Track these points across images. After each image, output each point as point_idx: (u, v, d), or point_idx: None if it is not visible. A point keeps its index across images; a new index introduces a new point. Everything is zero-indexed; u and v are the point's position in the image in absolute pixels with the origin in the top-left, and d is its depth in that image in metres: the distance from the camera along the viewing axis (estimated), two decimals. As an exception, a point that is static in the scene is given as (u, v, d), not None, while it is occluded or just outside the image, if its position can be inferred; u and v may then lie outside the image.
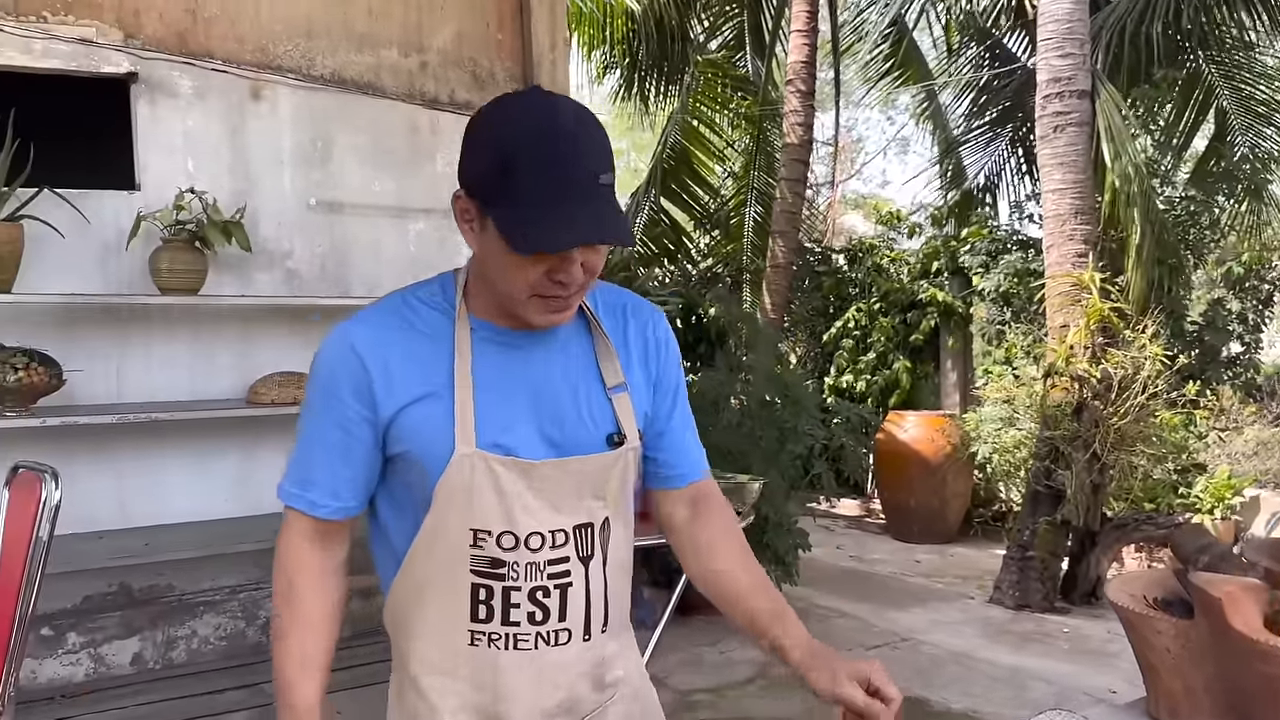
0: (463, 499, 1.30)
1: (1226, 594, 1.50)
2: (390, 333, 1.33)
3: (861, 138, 26.45)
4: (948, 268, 8.00)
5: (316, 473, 1.36)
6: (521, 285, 1.26)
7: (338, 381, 1.32)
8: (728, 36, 11.04)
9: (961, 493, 7.14)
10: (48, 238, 3.98)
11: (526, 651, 1.35)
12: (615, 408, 1.40)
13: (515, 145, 1.21)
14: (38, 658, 4.06)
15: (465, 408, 1.30)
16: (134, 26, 4.29)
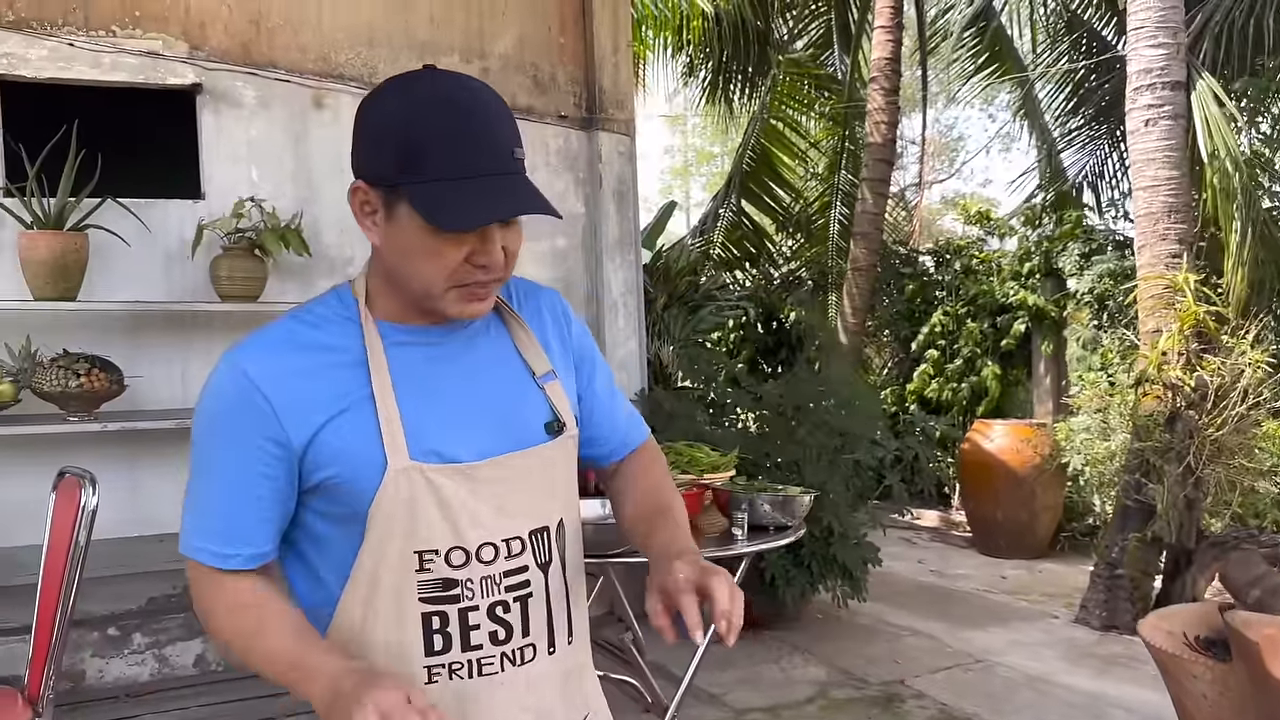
0: (403, 519, 1.19)
1: (1265, 637, 1.33)
2: (287, 354, 1.20)
3: (963, 136, 25.75)
4: (1040, 269, 7.64)
5: (223, 521, 1.20)
6: (439, 275, 1.17)
7: (237, 417, 1.18)
8: (815, 35, 10.84)
9: (1052, 506, 6.79)
10: (113, 246, 4.08)
11: (493, 676, 1.24)
12: (548, 395, 1.31)
13: (423, 123, 1.12)
14: (105, 657, 4.16)
15: (391, 418, 1.18)
16: (199, 38, 4.37)
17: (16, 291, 3.87)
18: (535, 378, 1.31)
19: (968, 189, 23.24)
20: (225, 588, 1.20)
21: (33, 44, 4.07)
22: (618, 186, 5.16)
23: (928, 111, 11.12)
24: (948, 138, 24.28)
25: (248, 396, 1.17)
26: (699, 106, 11.62)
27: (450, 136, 1.12)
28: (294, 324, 1.24)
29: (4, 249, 3.93)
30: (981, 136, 25.45)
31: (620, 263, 5.15)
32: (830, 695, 4.15)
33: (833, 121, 10.28)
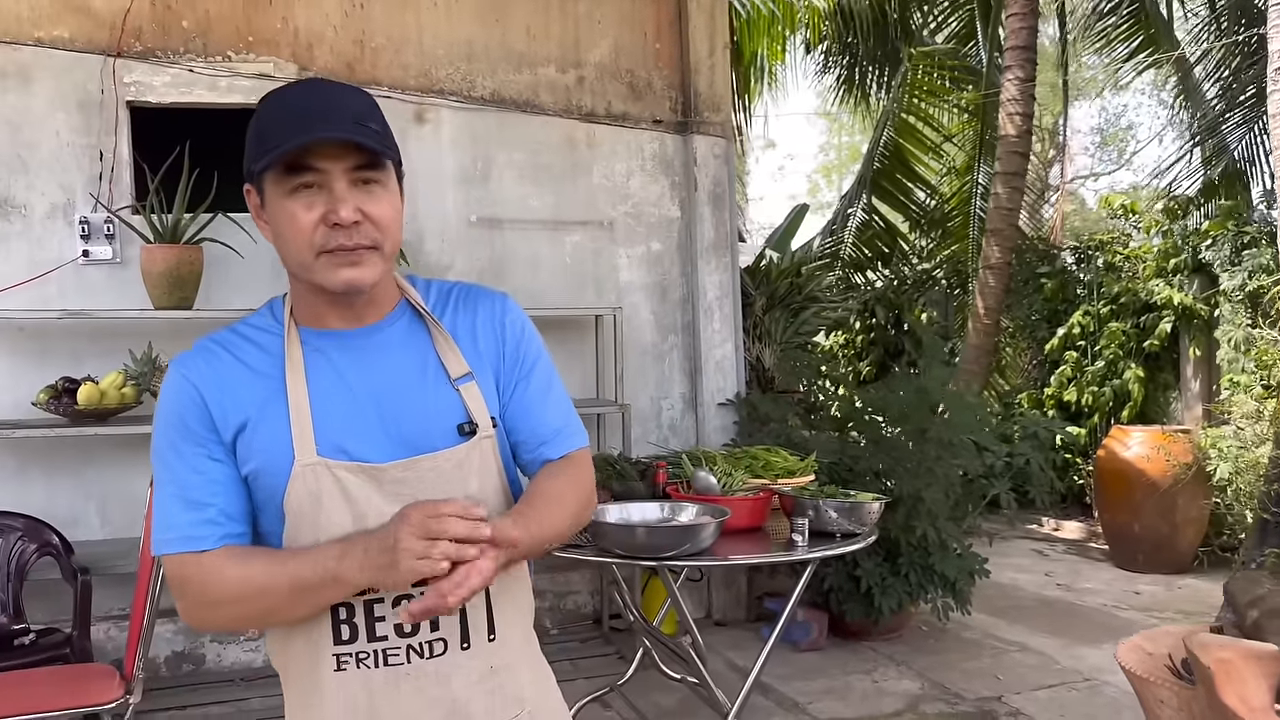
0: (311, 512, 1.26)
1: (1218, 662, 1.23)
2: (219, 359, 1.31)
3: (1132, 124, 24.29)
4: (1187, 265, 7.13)
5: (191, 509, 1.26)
6: (303, 241, 1.24)
7: (183, 413, 1.28)
8: (956, 27, 10.50)
9: (1196, 518, 6.33)
10: (227, 258, 4.36)
11: (398, 667, 1.29)
12: (463, 397, 1.34)
13: (265, 115, 1.26)
14: (222, 643, 4.45)
15: (301, 417, 1.26)
16: (307, 59, 4.63)
17: (139, 301, 4.19)
18: (451, 380, 1.34)
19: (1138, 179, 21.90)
20: (210, 570, 1.24)
21: (158, 71, 4.40)
22: (713, 189, 5.14)
23: (1092, 100, 10.56)
24: (1115, 127, 22.97)
25: (189, 395, 1.29)
26: (835, 103, 11.45)
27: (283, 110, 1.24)
28: (229, 334, 1.35)
29: (130, 263, 4.26)
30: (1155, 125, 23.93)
31: (716, 265, 5.13)
32: (920, 709, 4.01)
33: (969, 114, 9.93)
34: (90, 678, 3.07)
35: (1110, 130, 22.64)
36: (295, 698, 1.35)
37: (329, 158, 1.22)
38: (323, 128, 1.21)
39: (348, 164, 1.23)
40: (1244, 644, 1.25)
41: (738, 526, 3.27)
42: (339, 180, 1.23)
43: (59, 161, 4.32)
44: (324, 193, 1.23)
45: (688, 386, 5.23)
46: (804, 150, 26.02)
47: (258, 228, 1.32)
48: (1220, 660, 1.17)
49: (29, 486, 4.22)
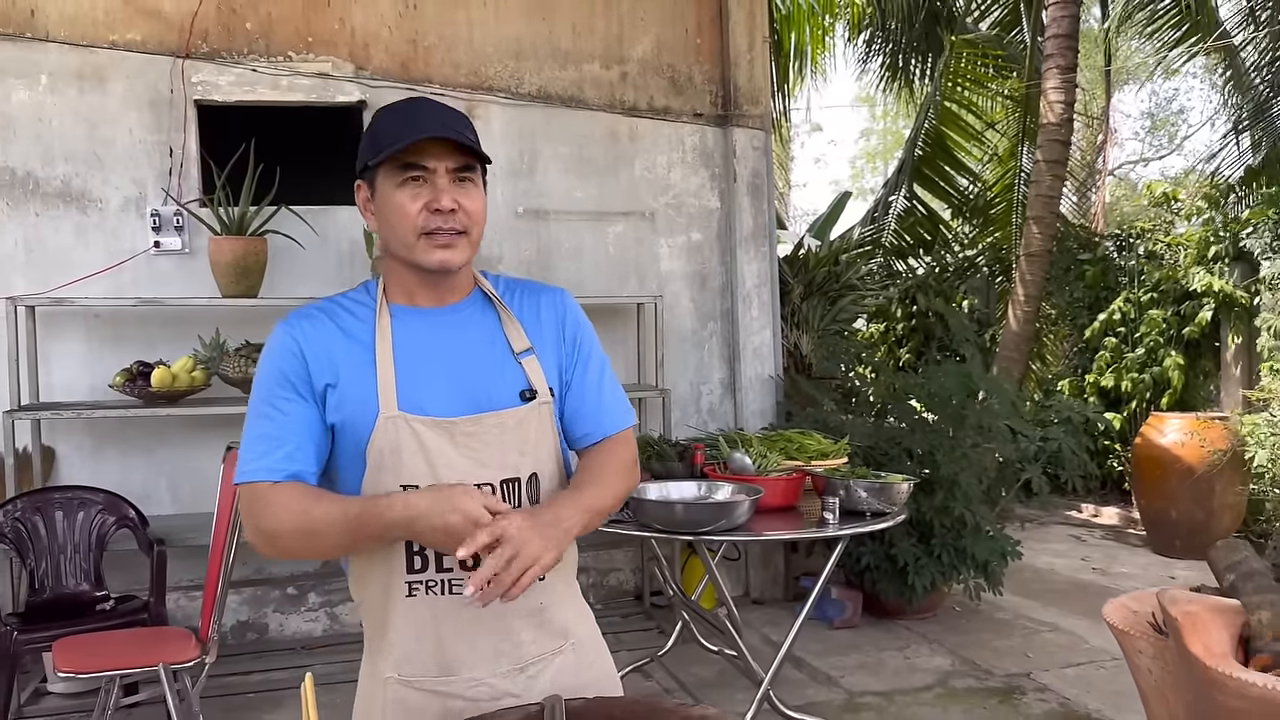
0: (391, 458, 1.47)
1: (1185, 614, 1.38)
2: (321, 322, 1.53)
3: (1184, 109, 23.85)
4: (1229, 253, 7.14)
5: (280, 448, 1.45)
6: (409, 225, 1.47)
7: (282, 367, 1.49)
8: (1000, 14, 10.49)
9: (1233, 504, 6.37)
10: (291, 249, 4.60)
11: (460, 596, 1.47)
12: (525, 369, 1.56)
13: (379, 122, 1.53)
14: (284, 613, 4.71)
15: (386, 377, 1.48)
16: (364, 59, 4.84)
17: (208, 290, 4.44)
18: (515, 354, 1.57)
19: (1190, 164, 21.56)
20: (277, 501, 1.43)
21: (223, 71, 4.64)
22: (752, 180, 5.29)
23: (1141, 85, 10.50)
24: (1166, 111, 22.61)
25: (291, 349, 1.50)
26: (878, 90, 11.47)
27: (397, 118, 1.50)
28: (329, 303, 1.59)
29: (199, 253, 4.51)
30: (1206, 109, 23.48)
31: (754, 255, 5.28)
32: (950, 684, 4.16)
33: (1012, 101, 9.93)
34: (168, 639, 3.32)
35: (1161, 115, 22.31)
36: (372, 623, 1.56)
37: (434, 157, 1.46)
38: (433, 130, 1.46)
39: (449, 164, 1.47)
40: (1209, 599, 1.39)
41: (772, 505, 3.44)
42: (441, 176, 1.47)
43: (132, 158, 4.58)
44: (428, 186, 1.47)
45: (726, 372, 5.39)
46: (848, 137, 25.87)
47: (363, 217, 1.57)
48: (1187, 612, 1.32)
49: (105, 464, 4.50)
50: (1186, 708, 1.43)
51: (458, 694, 1.51)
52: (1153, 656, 1.41)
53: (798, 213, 22.37)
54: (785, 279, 5.70)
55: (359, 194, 1.56)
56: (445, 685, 1.51)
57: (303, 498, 1.43)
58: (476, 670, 1.51)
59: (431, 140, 1.45)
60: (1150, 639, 1.41)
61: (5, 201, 4.44)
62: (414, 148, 1.45)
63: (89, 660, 3.11)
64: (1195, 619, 1.34)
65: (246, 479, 1.45)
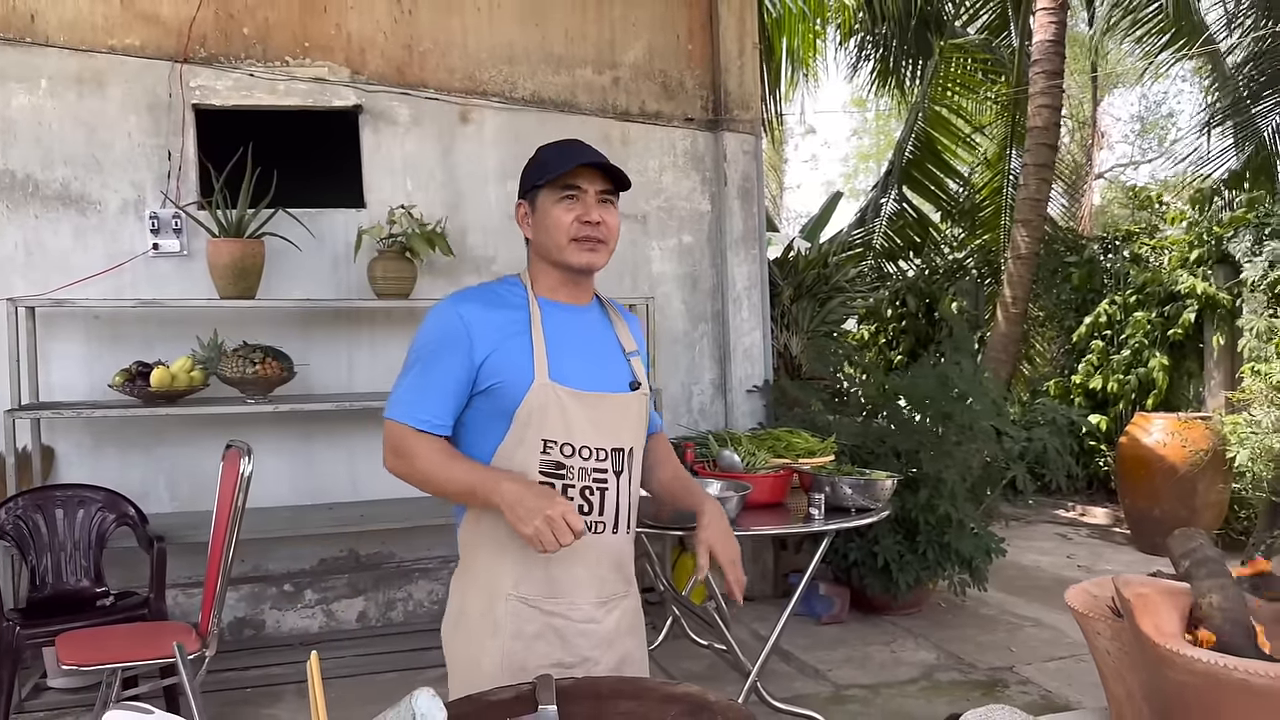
0: (538, 416, 1.78)
1: (1137, 596, 1.46)
2: (486, 307, 1.82)
3: (1173, 112, 23.98)
4: (1212, 256, 7.25)
5: (430, 402, 1.78)
6: (563, 231, 1.80)
7: (447, 337, 1.78)
8: (989, 19, 10.59)
9: (1215, 503, 6.48)
10: (287, 251, 4.67)
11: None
12: (632, 365, 1.94)
13: (544, 151, 1.89)
14: (281, 609, 4.78)
15: (540, 352, 1.80)
16: (360, 64, 4.91)
17: (206, 291, 4.51)
18: (625, 353, 1.94)
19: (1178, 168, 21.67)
20: (422, 442, 1.78)
21: (220, 76, 4.71)
22: (742, 184, 5.38)
23: (1129, 89, 10.61)
24: (1155, 115, 22.73)
25: (457, 325, 1.79)
26: (870, 94, 11.56)
27: (558, 151, 1.86)
28: (489, 291, 1.89)
29: (197, 255, 4.59)
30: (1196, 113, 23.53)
31: (744, 257, 5.37)
32: (934, 678, 4.24)
33: (1001, 106, 10.03)
34: (169, 633, 3.38)
35: (1150, 118, 22.44)
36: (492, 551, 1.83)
37: (587, 181, 1.82)
38: (587, 158, 1.82)
39: (598, 187, 1.82)
40: (1160, 582, 1.47)
41: (759, 502, 3.52)
42: (591, 196, 1.82)
43: (130, 161, 4.65)
44: (579, 203, 1.81)
45: (717, 373, 5.47)
46: (841, 139, 25.96)
47: (524, 233, 1.89)
48: (1139, 594, 1.40)
49: (104, 462, 4.57)
50: (1141, 685, 1.51)
51: (560, 613, 1.82)
52: (1110, 638, 1.49)
53: (791, 214, 22.45)
54: (775, 281, 5.79)
55: (518, 211, 1.91)
56: (552, 605, 1.82)
57: (440, 452, 1.77)
58: (574, 596, 1.83)
59: (585, 167, 1.80)
60: (1108, 621, 1.50)
61: (5, 204, 4.51)
62: (572, 172, 1.80)
63: (92, 653, 3.18)
64: (1147, 600, 1.43)
65: (397, 418, 1.79)
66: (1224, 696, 1.31)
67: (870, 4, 9.90)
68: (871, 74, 10.92)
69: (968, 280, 9.72)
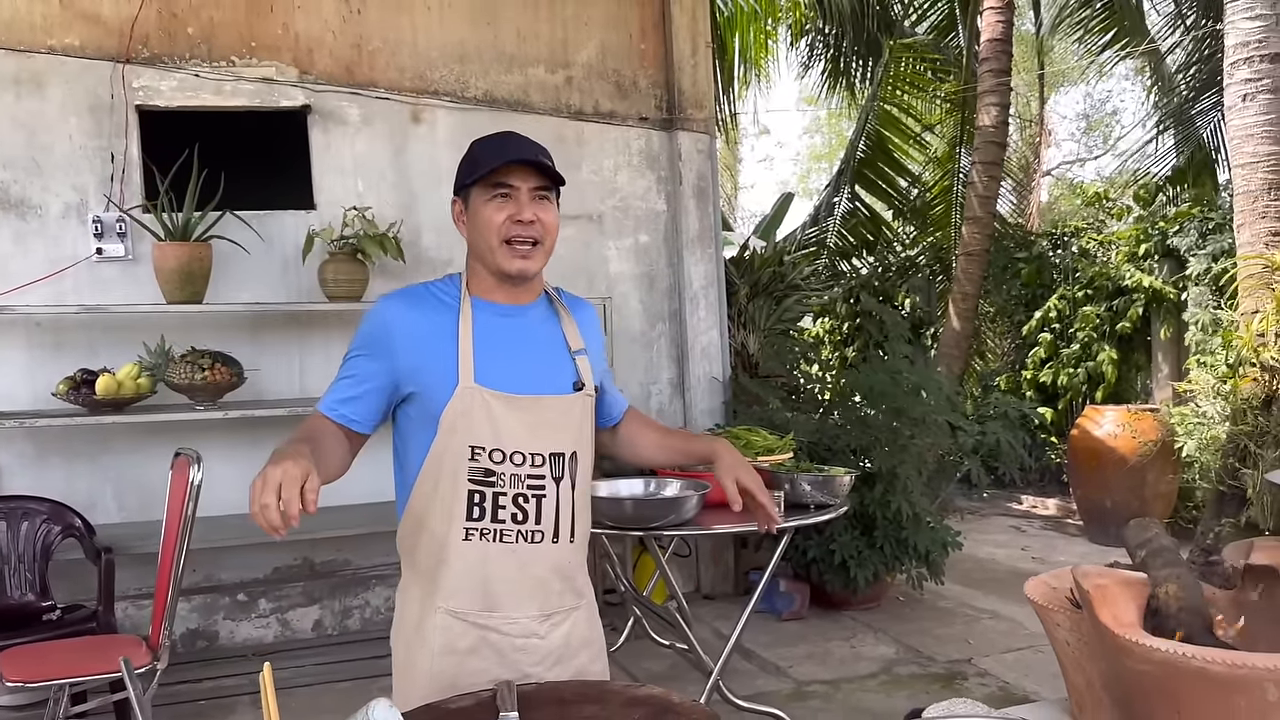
0: (463, 422, 1.70)
1: (1095, 587, 1.47)
2: (412, 307, 1.76)
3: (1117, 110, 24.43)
4: (1158, 250, 7.39)
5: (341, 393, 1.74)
6: (494, 233, 1.71)
7: (369, 338, 1.74)
8: (937, 18, 10.70)
9: (1165, 493, 6.61)
10: (235, 254, 4.58)
11: (509, 544, 1.73)
12: (577, 365, 1.83)
13: (477, 147, 1.78)
14: (235, 619, 4.69)
15: (465, 354, 1.71)
16: (308, 63, 4.84)
17: (152, 296, 4.41)
18: (570, 351, 1.84)
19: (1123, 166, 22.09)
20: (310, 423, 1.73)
21: (165, 76, 4.61)
22: (697, 183, 5.38)
23: (1074, 88, 10.78)
24: (1100, 113, 23.14)
25: (379, 327, 1.75)
26: (822, 94, 11.64)
27: (491, 146, 1.76)
28: (424, 289, 1.81)
29: (142, 259, 4.48)
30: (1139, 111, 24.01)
31: (700, 256, 5.37)
32: (894, 671, 4.27)
33: (950, 105, 10.15)
34: (119, 646, 3.30)
35: (1095, 116, 22.85)
36: (426, 562, 1.76)
37: (519, 178, 1.72)
38: (518, 154, 1.72)
39: (531, 184, 1.72)
40: (1118, 573, 1.49)
41: (719, 500, 3.49)
42: (523, 194, 1.72)
43: (72, 164, 4.53)
44: (512, 202, 1.72)
45: (675, 372, 5.47)
46: (795, 138, 26.10)
47: (456, 228, 1.81)
48: (1097, 585, 1.41)
49: (49, 472, 4.45)
50: (1101, 675, 1.52)
51: (495, 627, 1.74)
52: (1069, 629, 1.50)
53: (745, 214, 22.53)
54: (731, 280, 5.80)
55: (454, 208, 1.82)
56: (486, 619, 1.73)
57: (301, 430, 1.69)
58: (513, 611, 1.74)
59: (518, 164, 1.71)
60: (1067, 612, 1.51)
61: (-59, 209, 4.38)
62: (503, 169, 1.70)
63: (38, 669, 3.10)
64: (1105, 591, 1.44)
65: (321, 409, 1.75)
66: (1182, 685, 1.32)
67: (821, 3, 9.97)
68: (823, 73, 11.01)
69: (920, 278, 9.82)
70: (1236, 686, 1.29)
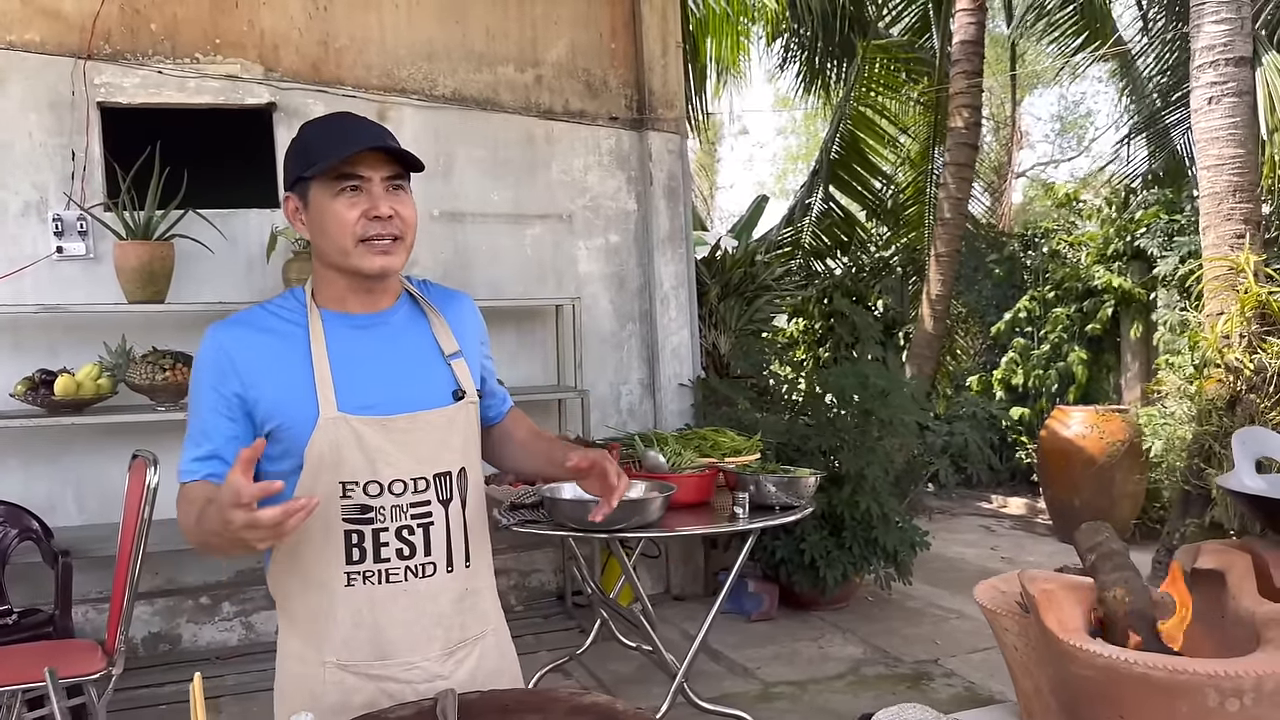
0: (331, 457, 1.51)
1: (1042, 592, 1.46)
2: (251, 332, 1.55)
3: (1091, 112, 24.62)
4: (1126, 251, 7.45)
5: (210, 448, 1.52)
6: (346, 233, 1.51)
7: (214, 375, 1.53)
8: (910, 20, 10.74)
9: (1133, 493, 6.65)
10: (199, 253, 4.53)
11: (398, 584, 1.56)
12: (454, 370, 1.64)
13: (310, 133, 1.56)
14: (198, 623, 4.63)
15: (324, 380, 1.52)
16: (273, 61, 4.79)
17: (113, 295, 4.35)
18: (445, 356, 1.64)
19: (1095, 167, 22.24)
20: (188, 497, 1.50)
21: (127, 73, 4.55)
22: (668, 183, 5.36)
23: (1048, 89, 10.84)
24: (1074, 114, 23.30)
25: (222, 357, 1.53)
26: (797, 95, 11.65)
27: (328, 131, 1.54)
28: (260, 311, 1.60)
29: (103, 258, 4.42)
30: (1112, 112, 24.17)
31: (671, 256, 5.36)
32: (861, 672, 4.27)
33: (924, 106, 10.19)
34: (74, 651, 3.25)
35: (1070, 117, 23.01)
36: (304, 613, 1.58)
37: (369, 167, 1.50)
38: (368, 141, 1.50)
39: (384, 173, 1.52)
40: (1064, 577, 1.48)
41: (685, 501, 3.50)
42: (377, 185, 1.51)
43: (31, 161, 4.46)
44: (364, 194, 1.51)
45: (645, 372, 5.45)
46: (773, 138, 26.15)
47: (294, 227, 1.59)
48: (1043, 590, 1.40)
49: (7, 474, 4.38)
50: (1049, 680, 1.52)
51: (392, 676, 1.57)
52: (1017, 634, 1.50)
53: (724, 214, 22.54)
54: (703, 280, 5.79)
55: (287, 205, 1.58)
56: (382, 669, 1.57)
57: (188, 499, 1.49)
58: (411, 655, 1.58)
59: (365, 151, 1.50)
60: (1015, 617, 1.50)
61: (-103, 206, 4.30)
62: (349, 158, 1.49)
63: (-10, 675, 3.04)
64: (1051, 596, 1.43)
65: (185, 478, 1.54)
66: (1125, 690, 1.32)
67: (794, 5, 9.98)
68: (797, 75, 11.02)
69: (893, 278, 9.85)
70: (1179, 692, 1.29)
